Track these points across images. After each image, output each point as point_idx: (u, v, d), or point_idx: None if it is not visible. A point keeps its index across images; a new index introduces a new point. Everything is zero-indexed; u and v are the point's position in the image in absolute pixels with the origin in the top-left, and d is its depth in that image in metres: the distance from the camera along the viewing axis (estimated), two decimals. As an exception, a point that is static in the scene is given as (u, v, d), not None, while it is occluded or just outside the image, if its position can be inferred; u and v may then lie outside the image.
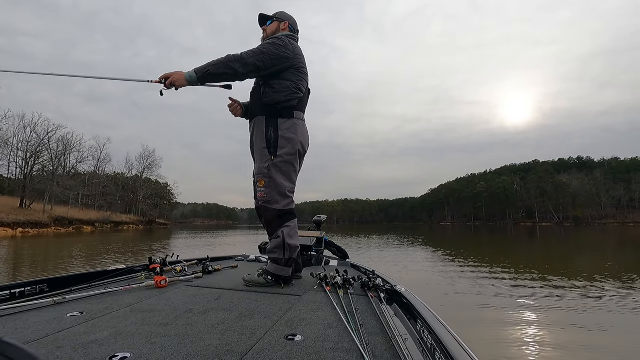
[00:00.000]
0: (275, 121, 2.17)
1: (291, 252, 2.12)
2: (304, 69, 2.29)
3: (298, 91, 2.22)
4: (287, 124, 2.18)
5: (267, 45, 2.14)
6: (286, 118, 2.18)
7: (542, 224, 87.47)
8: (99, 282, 2.11)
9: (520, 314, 4.61)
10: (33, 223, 33.29)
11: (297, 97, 2.22)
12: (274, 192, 2.15)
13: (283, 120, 2.18)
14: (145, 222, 59.62)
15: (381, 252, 13.23)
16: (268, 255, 2.19)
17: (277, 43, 2.16)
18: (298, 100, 2.23)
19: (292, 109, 2.20)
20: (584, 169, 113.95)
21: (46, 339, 1.18)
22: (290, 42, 2.24)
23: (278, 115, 2.18)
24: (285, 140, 2.15)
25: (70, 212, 43.30)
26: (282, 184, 2.16)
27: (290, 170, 2.20)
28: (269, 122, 2.18)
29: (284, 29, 2.37)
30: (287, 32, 2.36)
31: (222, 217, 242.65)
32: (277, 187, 2.15)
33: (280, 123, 2.17)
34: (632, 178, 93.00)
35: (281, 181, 2.16)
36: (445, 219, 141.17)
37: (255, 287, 2.04)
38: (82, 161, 55.14)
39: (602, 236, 27.02)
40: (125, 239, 22.88)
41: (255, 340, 1.18)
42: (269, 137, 2.16)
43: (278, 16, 2.39)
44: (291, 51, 2.20)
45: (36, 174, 43.99)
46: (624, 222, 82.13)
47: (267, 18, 2.41)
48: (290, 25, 2.40)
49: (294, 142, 2.18)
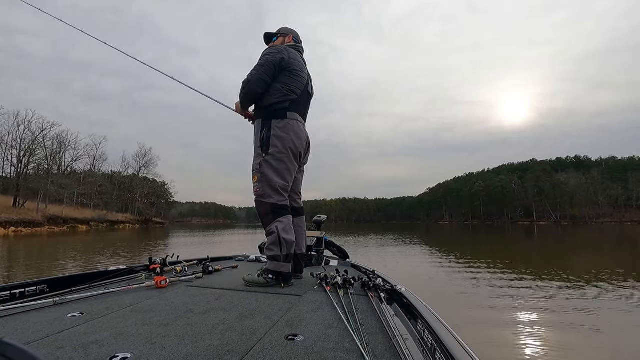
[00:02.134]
0: (269, 122, 2.28)
1: (288, 247, 2.16)
2: (299, 72, 2.38)
3: (291, 93, 2.32)
4: (280, 124, 2.27)
5: (263, 57, 2.32)
6: (279, 119, 2.28)
7: (539, 223, 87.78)
8: (99, 282, 2.11)
9: (519, 313, 4.62)
10: (26, 222, 32.88)
11: (290, 99, 2.32)
12: (266, 187, 2.24)
13: (277, 120, 2.28)
14: (141, 221, 59.17)
15: (379, 251, 13.25)
16: (266, 253, 2.22)
17: (270, 52, 2.33)
18: (291, 101, 2.32)
19: (284, 110, 2.30)
20: (581, 168, 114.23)
21: (47, 339, 1.18)
22: (286, 47, 2.38)
23: (272, 116, 2.29)
24: (277, 138, 2.25)
25: (65, 211, 42.79)
26: (273, 179, 2.24)
27: (282, 168, 2.28)
28: (264, 123, 2.30)
29: (289, 42, 2.53)
30: (291, 44, 2.51)
31: (220, 216, 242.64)
32: (269, 182, 2.24)
33: (274, 123, 2.27)
34: (629, 177, 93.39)
35: (272, 177, 2.24)
36: (443, 218, 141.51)
37: (255, 287, 2.05)
38: (78, 159, 54.80)
39: (599, 235, 27.12)
40: (118, 238, 22.54)
41: (255, 341, 1.18)
42: (262, 137, 2.27)
43: (282, 32, 2.57)
44: (286, 55, 2.32)
45: (32, 172, 43.67)
46: (621, 220, 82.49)
47: (272, 35, 2.59)
48: (294, 38, 2.56)
49: (285, 140, 2.26)
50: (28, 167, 43.46)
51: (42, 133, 44.33)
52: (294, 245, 2.24)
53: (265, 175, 2.24)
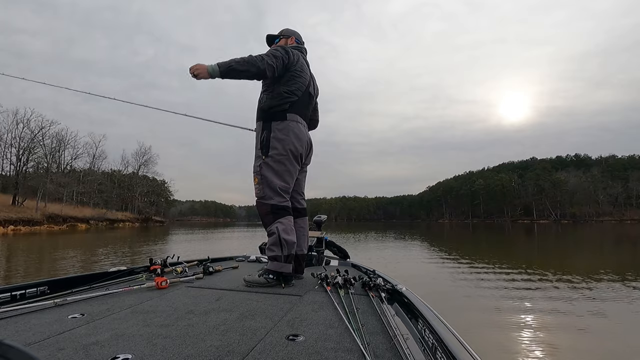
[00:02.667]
0: (269, 124, 2.30)
1: (289, 248, 2.18)
2: (300, 74, 2.40)
3: (292, 95, 2.34)
4: (280, 126, 2.28)
5: (276, 50, 2.31)
6: (279, 121, 2.30)
7: (539, 222, 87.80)
8: (100, 283, 2.11)
9: (519, 312, 4.63)
10: (25, 221, 32.85)
11: (290, 101, 2.33)
12: (267, 189, 2.26)
13: (276, 122, 2.29)
14: (141, 219, 59.13)
15: (379, 250, 13.26)
16: (267, 253, 2.23)
17: (281, 50, 2.33)
18: (291, 103, 2.34)
19: (284, 112, 2.31)
20: (581, 166, 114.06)
21: (47, 340, 1.18)
22: (291, 49, 2.40)
23: (272, 118, 2.30)
24: (277, 141, 2.26)
25: (65, 209, 42.79)
26: (272, 181, 2.26)
27: (282, 170, 2.29)
28: (265, 125, 2.32)
29: (291, 43, 2.57)
30: (294, 45, 2.55)
31: (220, 214, 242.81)
32: (269, 183, 2.26)
33: (274, 125, 2.29)
34: (630, 176, 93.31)
35: (272, 178, 2.26)
36: (443, 217, 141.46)
37: (256, 288, 2.05)
38: (77, 158, 54.75)
39: (599, 234, 27.13)
40: (117, 237, 22.38)
41: (256, 341, 1.18)
42: (262, 139, 2.29)
43: (284, 33, 2.60)
44: (291, 56, 2.35)
45: (32, 170, 43.61)
46: (621, 219, 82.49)
47: (274, 37, 2.62)
48: (297, 39, 2.60)
49: (285, 142, 2.27)
50: (28, 166, 43.53)
51: (41, 131, 44.42)
52: (295, 246, 2.25)
53: (265, 177, 2.26)
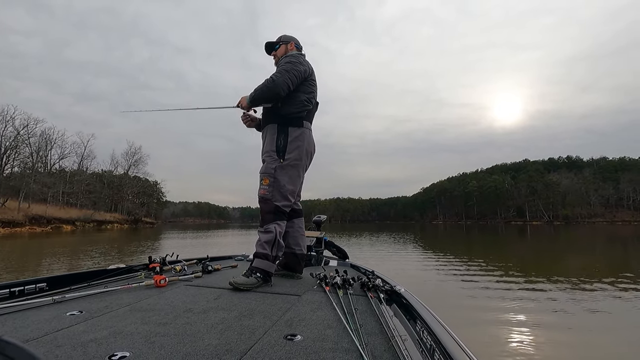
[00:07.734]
0: (286, 129, 2.35)
1: (278, 250, 2.25)
2: (314, 82, 2.46)
3: (309, 103, 2.42)
4: (297, 132, 2.35)
5: (287, 64, 2.34)
6: (296, 127, 2.36)
7: (532, 223, 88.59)
8: (99, 281, 2.10)
9: (514, 312, 4.67)
10: (6, 222, 31.88)
11: (307, 109, 2.42)
12: (276, 192, 2.29)
13: (293, 128, 2.35)
14: (130, 220, 58.17)
15: (373, 251, 13.28)
16: (257, 249, 2.20)
17: (293, 60, 2.36)
18: (307, 111, 2.42)
19: (301, 119, 2.39)
20: (573, 168, 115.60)
21: (45, 337, 1.18)
22: (305, 59, 2.46)
23: (289, 124, 2.36)
24: (294, 146, 2.33)
25: (49, 210, 41.55)
26: (284, 186, 2.30)
27: (295, 175, 2.35)
28: (281, 129, 2.35)
29: (291, 49, 2.58)
30: (294, 50, 2.58)
31: (213, 215, 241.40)
32: (280, 187, 2.29)
33: (291, 131, 2.34)
34: (620, 177, 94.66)
35: (284, 183, 2.30)
36: (437, 218, 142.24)
37: (255, 287, 2.04)
38: (64, 157, 53.94)
39: (591, 235, 27.42)
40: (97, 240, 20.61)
41: (254, 340, 1.18)
42: (279, 143, 2.33)
43: (283, 40, 2.61)
44: (308, 67, 2.41)
45: (17, 169, 42.58)
46: (613, 220, 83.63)
47: (273, 44, 2.63)
48: (296, 44, 2.61)
49: (301, 149, 2.35)
50: (13, 165, 42.47)
51: (25, 129, 43.25)
52: (283, 249, 2.33)
53: (278, 180, 2.29)
